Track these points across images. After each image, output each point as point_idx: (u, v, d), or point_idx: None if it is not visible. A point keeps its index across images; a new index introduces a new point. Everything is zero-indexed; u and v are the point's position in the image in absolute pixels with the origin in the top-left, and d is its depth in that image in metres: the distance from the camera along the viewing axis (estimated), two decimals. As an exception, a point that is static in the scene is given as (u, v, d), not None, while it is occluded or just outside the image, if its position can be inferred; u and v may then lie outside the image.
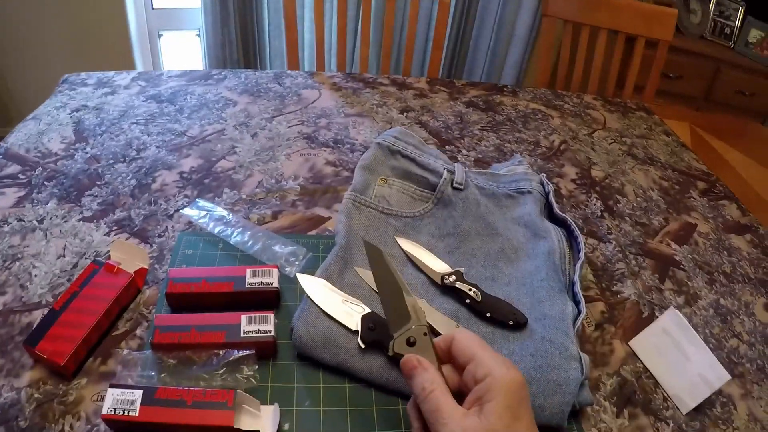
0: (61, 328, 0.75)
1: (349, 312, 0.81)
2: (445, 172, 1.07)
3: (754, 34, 3.13)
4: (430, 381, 0.56)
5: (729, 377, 0.79)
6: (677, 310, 0.87)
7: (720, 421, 0.82)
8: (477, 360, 0.57)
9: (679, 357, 0.85)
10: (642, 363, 0.89)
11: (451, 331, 0.62)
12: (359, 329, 0.79)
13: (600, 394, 0.83)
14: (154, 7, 2.84)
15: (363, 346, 0.77)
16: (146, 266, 0.89)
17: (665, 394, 0.84)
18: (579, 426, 0.77)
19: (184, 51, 3.13)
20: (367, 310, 0.81)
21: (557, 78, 2.06)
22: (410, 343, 0.59)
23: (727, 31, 3.07)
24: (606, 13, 1.93)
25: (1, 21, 2.57)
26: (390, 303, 0.62)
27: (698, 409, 0.82)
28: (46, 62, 2.74)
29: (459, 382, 0.60)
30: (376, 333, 0.78)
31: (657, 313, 0.97)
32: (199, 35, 2.87)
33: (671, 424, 0.80)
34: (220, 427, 0.66)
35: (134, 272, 0.85)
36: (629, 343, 0.91)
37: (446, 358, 0.62)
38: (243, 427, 0.67)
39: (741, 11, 3.08)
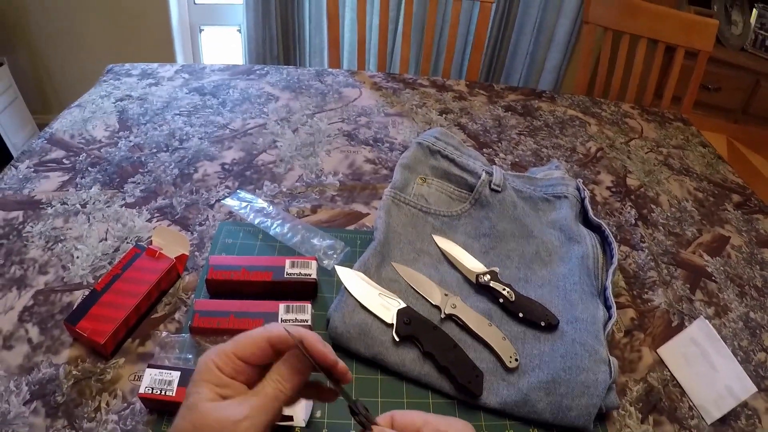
0: (102, 309, 0.78)
1: (386, 305, 0.82)
2: (484, 173, 1.08)
3: (797, 48, 3.07)
4: None
5: (755, 389, 0.79)
6: (707, 320, 0.87)
7: (744, 434, 0.82)
8: (431, 422, 0.54)
9: (706, 367, 0.85)
10: (669, 371, 0.89)
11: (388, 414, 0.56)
12: (394, 323, 0.80)
13: (626, 399, 0.83)
14: (197, 2, 2.88)
15: (397, 339, 0.79)
16: (187, 253, 0.91)
17: (691, 403, 0.84)
18: (604, 429, 0.78)
19: (224, 46, 3.16)
20: (403, 305, 0.83)
21: (595, 85, 2.05)
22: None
23: (768, 43, 3.02)
24: (646, 21, 1.91)
25: (44, 10, 2.62)
26: None
27: (723, 420, 0.82)
28: (88, 52, 2.78)
29: None
30: (410, 327, 0.80)
31: (686, 323, 0.97)
32: (239, 31, 2.91)
33: (696, 434, 0.81)
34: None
35: (175, 258, 0.87)
36: (657, 350, 0.92)
37: None
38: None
39: (783, 24, 3.02)
